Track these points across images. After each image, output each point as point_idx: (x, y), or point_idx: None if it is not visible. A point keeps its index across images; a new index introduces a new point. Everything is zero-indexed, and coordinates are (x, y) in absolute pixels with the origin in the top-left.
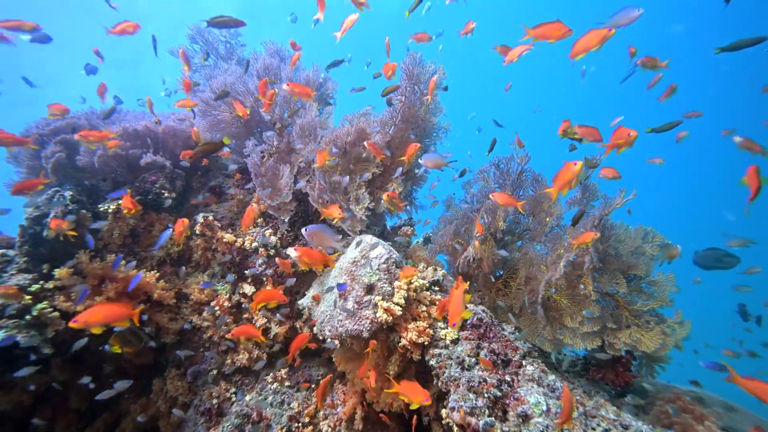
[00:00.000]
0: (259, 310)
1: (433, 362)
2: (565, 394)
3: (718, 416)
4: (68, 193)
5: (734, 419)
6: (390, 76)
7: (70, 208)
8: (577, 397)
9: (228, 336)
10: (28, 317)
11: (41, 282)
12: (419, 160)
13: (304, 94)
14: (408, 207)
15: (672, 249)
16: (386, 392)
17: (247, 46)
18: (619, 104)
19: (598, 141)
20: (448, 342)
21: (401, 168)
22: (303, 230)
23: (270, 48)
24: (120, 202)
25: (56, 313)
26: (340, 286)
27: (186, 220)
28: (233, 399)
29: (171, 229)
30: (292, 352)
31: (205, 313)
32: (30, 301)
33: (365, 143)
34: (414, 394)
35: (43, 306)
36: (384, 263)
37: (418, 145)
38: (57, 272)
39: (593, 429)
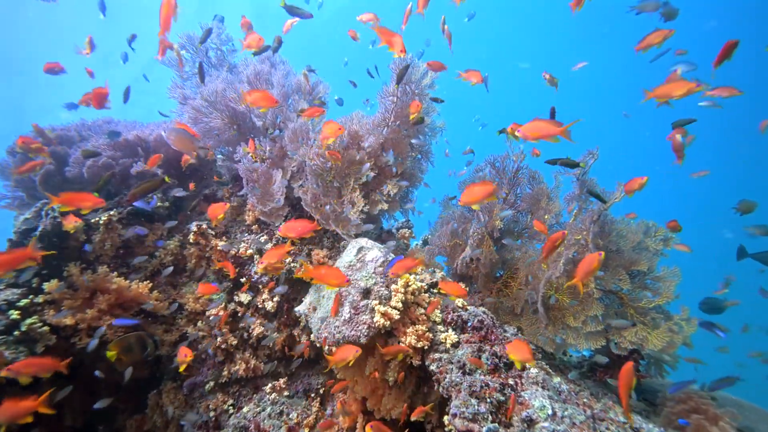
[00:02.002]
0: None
1: (433, 367)
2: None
3: (732, 416)
4: (57, 205)
5: (750, 419)
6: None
7: (59, 220)
8: (585, 400)
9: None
10: (16, 333)
11: (31, 296)
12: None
13: (266, 102)
14: (404, 208)
15: (749, 203)
16: (386, 399)
17: (238, 53)
18: (621, 101)
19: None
20: (448, 346)
21: (392, 151)
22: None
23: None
24: (111, 212)
25: (46, 328)
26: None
27: (227, 205)
28: (231, 411)
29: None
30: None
31: (200, 323)
32: (18, 317)
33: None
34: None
35: (33, 321)
36: (380, 266)
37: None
38: (46, 286)
39: None
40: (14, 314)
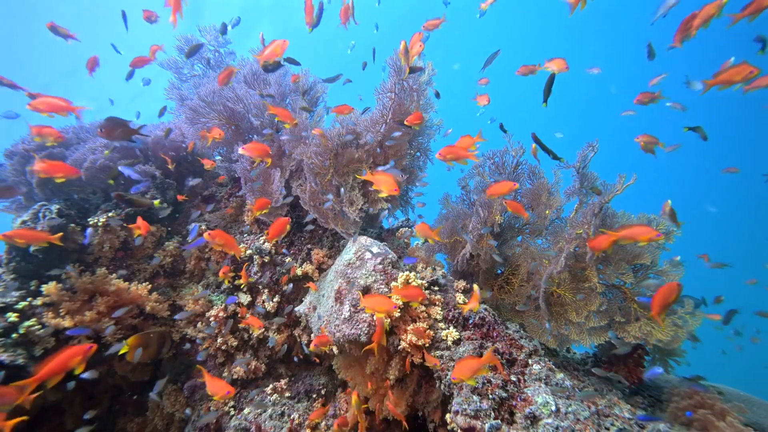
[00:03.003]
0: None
1: None
2: None
3: (740, 411)
4: (55, 207)
5: (758, 414)
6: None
7: (57, 222)
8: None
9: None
10: (14, 335)
11: (29, 299)
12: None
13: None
14: (405, 207)
15: None
16: (387, 399)
17: (236, 54)
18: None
19: None
20: (449, 343)
21: (393, 161)
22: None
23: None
24: (110, 214)
25: (44, 330)
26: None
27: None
28: (232, 413)
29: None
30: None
31: (199, 325)
32: (17, 319)
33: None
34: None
35: (31, 323)
36: (380, 264)
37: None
38: (45, 288)
39: (607, 429)
40: (12, 317)
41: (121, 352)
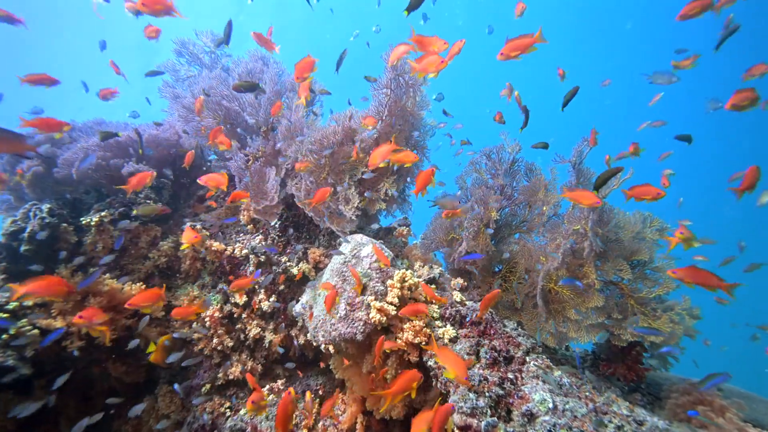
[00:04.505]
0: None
1: (431, 363)
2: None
3: (739, 407)
4: (46, 207)
5: (757, 411)
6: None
7: (47, 221)
8: (587, 393)
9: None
10: (4, 336)
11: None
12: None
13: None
14: (402, 206)
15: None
16: (384, 398)
17: (232, 56)
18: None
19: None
20: (446, 341)
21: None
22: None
23: (254, 53)
24: (102, 213)
25: (36, 331)
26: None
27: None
28: (227, 414)
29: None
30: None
31: (195, 325)
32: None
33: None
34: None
35: (22, 324)
36: (375, 262)
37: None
38: None
39: (605, 426)
40: (2, 317)
41: (149, 351)
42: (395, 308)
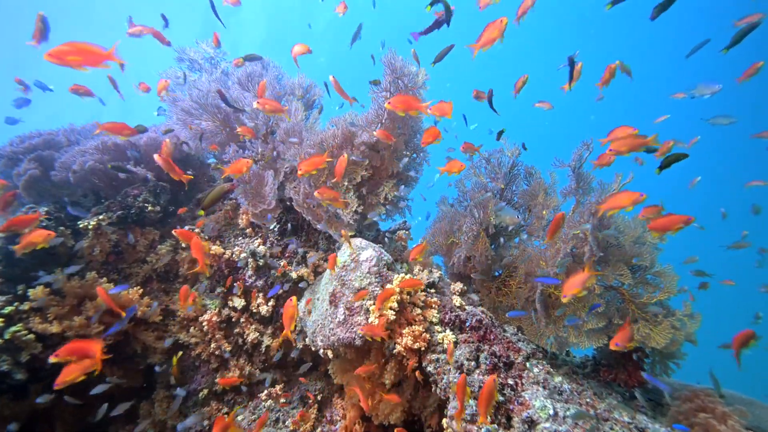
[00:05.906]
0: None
1: (430, 368)
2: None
3: (741, 414)
4: (43, 210)
5: (760, 418)
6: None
7: (44, 224)
8: (588, 400)
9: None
10: None
11: (15, 303)
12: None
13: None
14: (402, 210)
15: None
16: (383, 404)
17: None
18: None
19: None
20: (446, 346)
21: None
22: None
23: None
24: (100, 217)
25: (32, 336)
26: None
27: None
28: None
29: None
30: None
31: (192, 330)
32: (2, 324)
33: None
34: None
35: (17, 329)
36: (375, 266)
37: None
38: (31, 292)
39: None
40: None
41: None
42: (394, 313)
